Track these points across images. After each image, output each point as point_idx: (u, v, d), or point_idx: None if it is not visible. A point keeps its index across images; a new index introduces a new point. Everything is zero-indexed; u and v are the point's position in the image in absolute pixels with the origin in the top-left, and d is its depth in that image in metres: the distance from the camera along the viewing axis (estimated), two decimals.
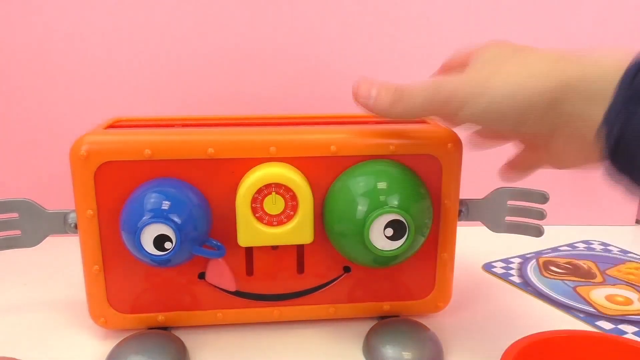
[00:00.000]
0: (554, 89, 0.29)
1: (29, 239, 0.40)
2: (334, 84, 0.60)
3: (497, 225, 0.43)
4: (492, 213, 0.43)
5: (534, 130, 0.32)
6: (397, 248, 0.35)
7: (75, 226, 0.39)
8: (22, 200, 0.39)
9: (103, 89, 0.59)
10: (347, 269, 0.41)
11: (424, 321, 0.41)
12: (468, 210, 0.42)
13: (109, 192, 0.37)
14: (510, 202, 0.43)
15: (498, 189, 0.42)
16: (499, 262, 0.56)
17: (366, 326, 0.41)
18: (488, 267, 0.55)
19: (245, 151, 0.37)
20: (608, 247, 0.61)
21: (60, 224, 0.40)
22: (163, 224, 0.34)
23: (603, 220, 0.67)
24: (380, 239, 0.35)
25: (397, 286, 0.42)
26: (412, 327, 0.40)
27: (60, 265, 0.52)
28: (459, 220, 0.42)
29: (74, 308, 0.44)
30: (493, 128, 0.37)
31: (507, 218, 0.43)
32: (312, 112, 0.46)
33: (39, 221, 0.40)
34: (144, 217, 0.34)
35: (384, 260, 0.37)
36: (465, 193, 0.41)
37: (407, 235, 0.35)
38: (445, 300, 0.43)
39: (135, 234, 0.34)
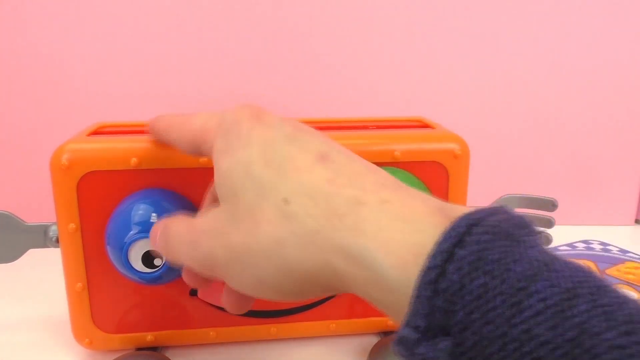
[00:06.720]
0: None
1: (7, 254, 0.38)
2: (332, 86, 0.58)
3: None
4: None
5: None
6: None
7: (57, 240, 0.36)
8: None
9: (86, 90, 0.56)
10: None
11: None
12: None
13: (93, 204, 0.34)
14: (517, 210, 0.41)
15: (504, 196, 0.41)
16: None
17: (369, 342, 0.39)
18: None
19: None
20: (607, 247, 0.60)
21: (41, 238, 0.37)
22: None
23: (602, 220, 0.66)
24: None
25: None
26: None
27: (40, 280, 0.49)
28: None
29: (56, 327, 0.41)
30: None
31: None
32: (307, 116, 0.43)
33: (17, 235, 0.37)
34: (132, 232, 0.32)
35: None
36: (469, 200, 0.39)
37: None
38: None
39: (122, 250, 0.32)
